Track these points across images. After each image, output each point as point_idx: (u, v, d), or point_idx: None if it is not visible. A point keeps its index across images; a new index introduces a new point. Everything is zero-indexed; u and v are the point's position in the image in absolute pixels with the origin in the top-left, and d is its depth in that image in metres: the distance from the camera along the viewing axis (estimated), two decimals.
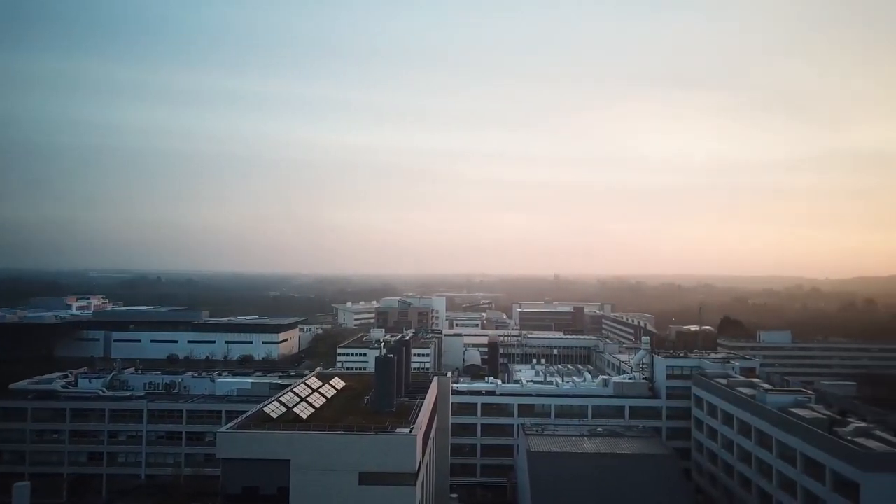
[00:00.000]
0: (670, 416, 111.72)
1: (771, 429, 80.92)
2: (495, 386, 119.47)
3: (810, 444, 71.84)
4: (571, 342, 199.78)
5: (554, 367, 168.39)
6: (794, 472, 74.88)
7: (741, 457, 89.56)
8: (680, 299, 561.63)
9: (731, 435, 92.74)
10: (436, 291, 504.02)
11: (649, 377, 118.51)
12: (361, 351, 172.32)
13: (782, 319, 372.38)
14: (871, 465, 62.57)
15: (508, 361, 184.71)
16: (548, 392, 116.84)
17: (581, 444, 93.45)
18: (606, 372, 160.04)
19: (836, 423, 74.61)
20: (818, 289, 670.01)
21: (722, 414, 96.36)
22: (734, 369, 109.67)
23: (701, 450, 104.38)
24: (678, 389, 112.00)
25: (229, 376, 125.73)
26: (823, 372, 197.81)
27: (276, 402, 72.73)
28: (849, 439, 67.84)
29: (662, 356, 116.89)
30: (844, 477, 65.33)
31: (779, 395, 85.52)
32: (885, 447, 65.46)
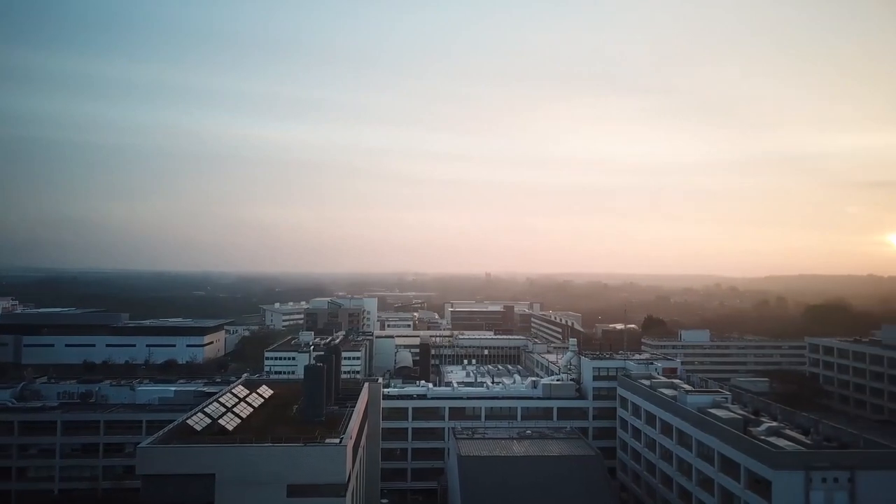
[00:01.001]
0: (597, 416, 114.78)
1: (690, 429, 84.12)
2: (426, 390, 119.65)
3: (726, 444, 75.05)
4: (501, 342, 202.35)
5: (485, 368, 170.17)
6: (712, 470, 78.08)
7: (663, 456, 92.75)
8: (606, 297, 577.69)
9: (653, 434, 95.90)
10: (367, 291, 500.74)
11: (577, 378, 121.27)
12: (290, 354, 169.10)
13: (701, 317, 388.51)
14: (782, 464, 65.89)
15: (440, 363, 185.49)
16: (478, 395, 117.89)
17: (510, 447, 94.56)
18: (535, 372, 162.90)
19: (750, 422, 78.28)
20: (735, 287, 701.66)
21: (645, 414, 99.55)
22: (657, 370, 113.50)
23: (625, 449, 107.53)
24: (604, 390, 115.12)
25: (151, 384, 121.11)
26: (739, 369, 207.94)
27: (200, 413, 70.44)
28: (762, 439, 71.23)
29: (589, 357, 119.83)
30: (757, 475, 68.57)
31: (698, 396, 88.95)
32: (795, 446, 69.06)
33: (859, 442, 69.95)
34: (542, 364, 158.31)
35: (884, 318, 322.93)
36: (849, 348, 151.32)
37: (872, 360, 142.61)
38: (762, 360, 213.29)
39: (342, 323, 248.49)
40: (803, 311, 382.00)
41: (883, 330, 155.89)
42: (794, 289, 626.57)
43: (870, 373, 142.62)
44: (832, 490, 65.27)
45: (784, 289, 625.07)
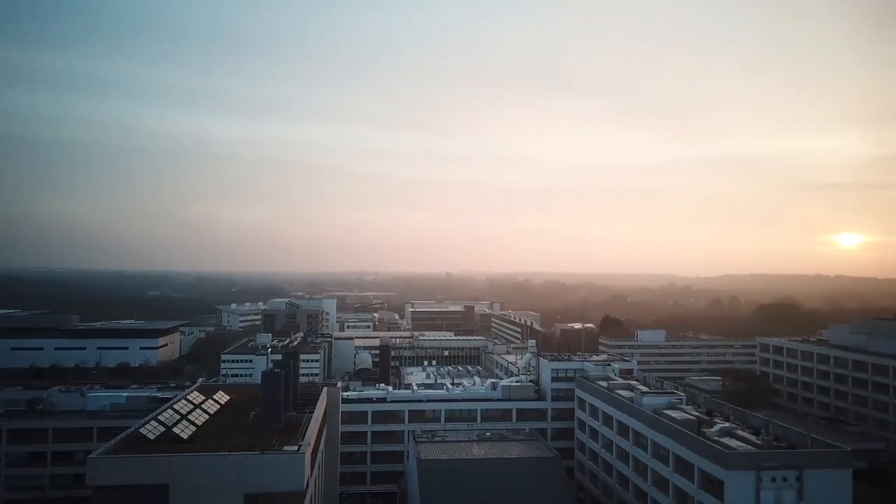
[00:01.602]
0: (555, 417, 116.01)
1: (646, 430, 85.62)
2: (386, 393, 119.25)
3: (681, 445, 76.61)
4: (462, 343, 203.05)
5: (445, 369, 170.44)
6: (667, 470, 79.62)
7: (620, 456, 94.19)
8: (564, 297, 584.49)
9: (610, 435, 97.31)
10: (326, 291, 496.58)
11: (536, 380, 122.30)
12: (247, 357, 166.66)
13: (657, 317, 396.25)
14: (733, 464, 67.51)
15: (400, 364, 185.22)
16: (438, 397, 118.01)
17: (470, 450, 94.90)
18: (495, 372, 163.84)
19: (704, 423, 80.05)
20: (689, 287, 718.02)
21: (603, 415, 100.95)
22: (614, 371, 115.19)
23: (583, 449, 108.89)
24: (562, 391, 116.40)
25: (102, 389, 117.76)
26: (693, 367, 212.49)
27: (153, 421, 68.80)
28: (714, 440, 72.91)
29: (548, 359, 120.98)
30: (711, 475, 70.15)
31: (653, 398, 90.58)
32: (746, 446, 70.88)
33: (807, 442, 72.08)
34: (502, 365, 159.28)
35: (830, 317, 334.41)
36: (797, 348, 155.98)
37: (819, 359, 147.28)
38: (715, 358, 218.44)
39: (300, 324, 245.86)
40: (755, 309, 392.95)
41: (830, 330, 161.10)
42: (747, 288, 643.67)
43: (817, 371, 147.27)
44: (781, 489, 67.16)
45: (736, 288, 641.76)
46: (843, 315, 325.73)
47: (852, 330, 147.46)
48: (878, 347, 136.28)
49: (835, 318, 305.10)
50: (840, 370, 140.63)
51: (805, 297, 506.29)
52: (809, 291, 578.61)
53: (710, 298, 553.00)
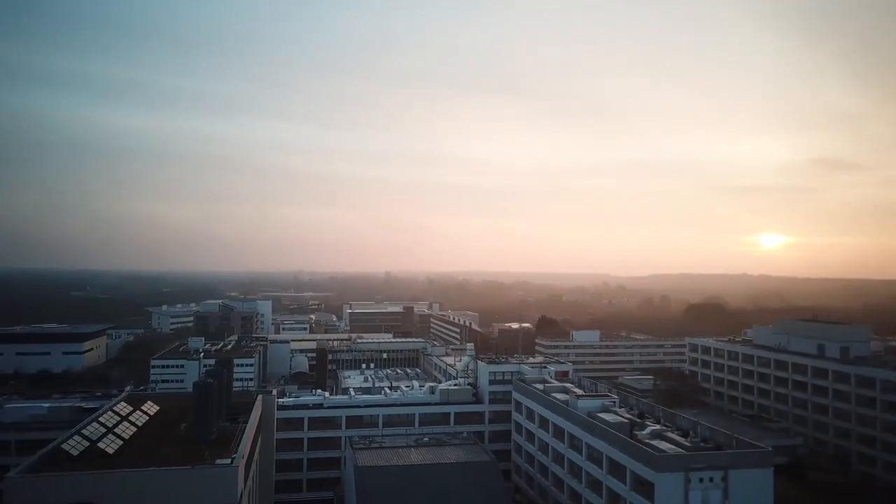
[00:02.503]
0: (492, 420, 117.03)
1: (581, 433, 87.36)
2: (323, 399, 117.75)
3: (614, 448, 78.52)
4: (401, 345, 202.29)
5: (383, 372, 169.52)
6: (600, 472, 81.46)
7: (555, 458, 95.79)
8: (502, 296, 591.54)
9: (546, 438, 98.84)
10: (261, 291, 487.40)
11: (474, 383, 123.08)
12: (179, 362, 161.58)
13: (592, 316, 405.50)
14: (663, 466, 69.66)
15: (338, 367, 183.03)
16: (376, 402, 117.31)
17: (408, 456, 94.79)
18: (434, 374, 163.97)
19: (636, 425, 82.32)
20: (622, 286, 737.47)
21: (539, 418, 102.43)
22: (550, 373, 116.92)
23: (520, 451, 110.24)
24: (500, 394, 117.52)
25: (21, 399, 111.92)
26: (626, 367, 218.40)
27: (77, 435, 65.84)
28: (646, 442, 75.02)
29: (486, 362, 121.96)
30: (642, 477, 72.15)
31: (588, 401, 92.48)
32: (675, 448, 73.23)
33: (732, 442, 75.03)
34: (441, 367, 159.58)
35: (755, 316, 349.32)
36: (724, 348, 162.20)
37: (744, 358, 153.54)
38: (647, 358, 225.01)
39: (235, 327, 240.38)
40: (684, 309, 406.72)
41: (753, 330, 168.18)
42: (677, 287, 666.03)
43: (742, 371, 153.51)
44: (708, 489, 69.69)
45: (667, 287, 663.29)
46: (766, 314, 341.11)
47: (774, 330, 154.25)
48: (797, 347, 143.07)
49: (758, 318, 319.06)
50: (763, 369, 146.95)
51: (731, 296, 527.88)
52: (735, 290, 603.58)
53: (642, 298, 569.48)
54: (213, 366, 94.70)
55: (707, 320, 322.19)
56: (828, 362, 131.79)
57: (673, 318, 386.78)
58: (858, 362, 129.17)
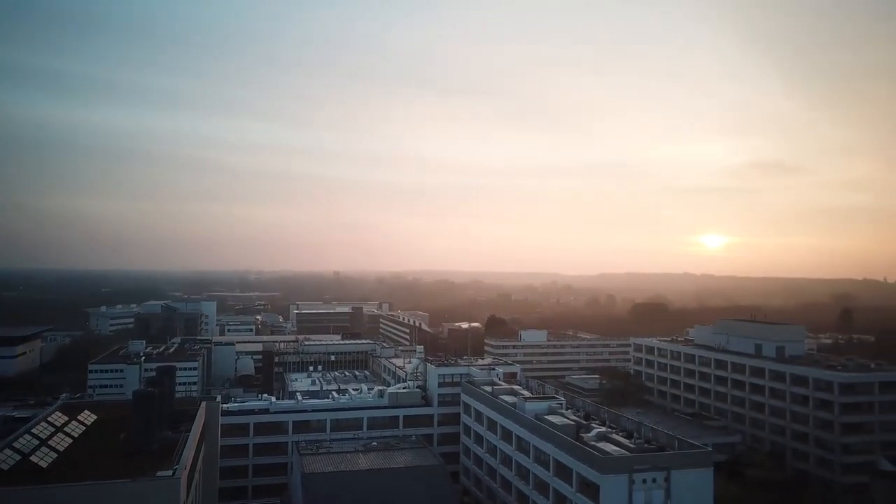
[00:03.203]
0: (441, 422, 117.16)
1: (528, 435, 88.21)
2: (269, 403, 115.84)
3: (560, 450, 79.53)
4: (349, 347, 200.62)
5: (331, 375, 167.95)
6: (548, 475, 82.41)
7: (503, 461, 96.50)
8: (452, 295, 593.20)
9: (494, 440, 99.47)
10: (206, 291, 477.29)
11: (423, 385, 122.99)
12: (118, 367, 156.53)
13: (540, 315, 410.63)
14: (608, 468, 70.90)
15: (284, 370, 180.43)
16: (323, 406, 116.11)
17: (356, 461, 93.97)
18: (383, 377, 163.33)
19: (582, 427, 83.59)
20: (570, 285, 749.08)
21: (487, 420, 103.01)
22: (498, 375, 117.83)
23: (468, 454, 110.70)
24: (449, 396, 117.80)
25: None
26: (573, 366, 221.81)
27: (7, 448, 63.00)
28: (592, 445, 76.23)
29: (435, 365, 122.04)
30: (588, 479, 73.29)
31: (535, 403, 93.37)
32: (620, 450, 74.56)
33: (674, 443, 76.92)
34: (390, 369, 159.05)
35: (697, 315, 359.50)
36: (667, 348, 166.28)
37: (686, 358, 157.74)
38: (593, 357, 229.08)
39: (178, 329, 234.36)
40: (630, 308, 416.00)
41: (695, 330, 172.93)
42: (623, 286, 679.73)
43: (684, 370, 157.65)
44: (651, 489, 71.25)
45: (614, 286, 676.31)
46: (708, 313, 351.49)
47: (714, 330, 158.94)
48: (736, 347, 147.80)
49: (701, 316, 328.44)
50: (704, 368, 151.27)
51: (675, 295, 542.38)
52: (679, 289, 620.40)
53: (589, 297, 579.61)
54: (154, 373, 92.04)
55: (651, 319, 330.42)
56: (764, 361, 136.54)
57: (619, 316, 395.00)
58: (793, 361, 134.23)
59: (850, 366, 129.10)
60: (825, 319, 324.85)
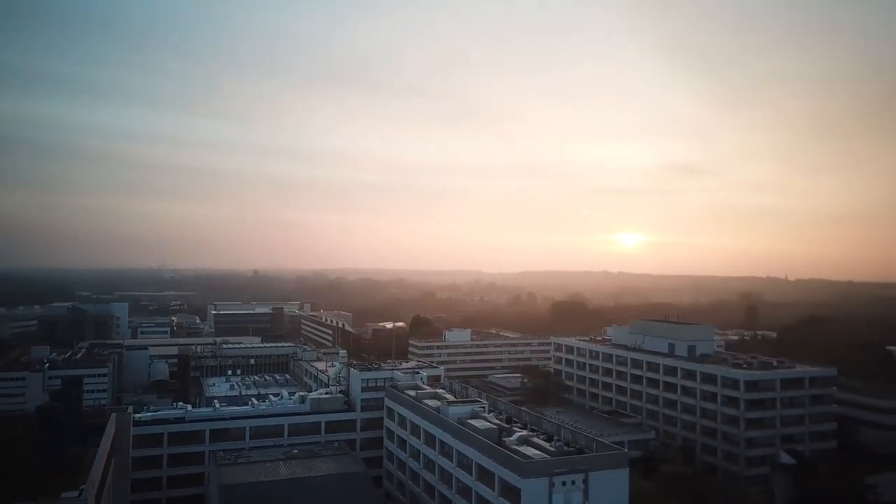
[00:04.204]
0: (365, 427, 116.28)
1: (451, 440, 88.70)
2: (184, 412, 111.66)
3: (483, 454, 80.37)
4: (269, 350, 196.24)
5: (251, 379, 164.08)
6: (470, 479, 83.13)
7: (426, 465, 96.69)
8: (376, 295, 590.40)
9: (418, 445, 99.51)
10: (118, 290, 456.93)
11: (345, 390, 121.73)
12: (19, 375, 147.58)
13: (464, 313, 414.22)
14: (529, 472, 72.17)
15: (201, 374, 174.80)
16: (242, 414, 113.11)
17: (276, 470, 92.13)
18: (304, 381, 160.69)
19: (504, 431, 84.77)
20: (493, 283, 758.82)
21: (410, 425, 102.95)
22: (422, 379, 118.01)
23: (392, 458, 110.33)
24: (372, 401, 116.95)
25: None
26: (496, 365, 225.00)
27: None
28: (513, 449, 77.46)
29: (358, 369, 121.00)
30: (509, 483, 74.41)
31: (458, 407, 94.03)
32: (540, 454, 76.06)
33: (592, 445, 79.17)
34: (312, 373, 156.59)
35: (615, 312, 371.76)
36: (585, 347, 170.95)
37: (604, 357, 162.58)
38: (515, 356, 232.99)
39: (86, 332, 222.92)
40: (550, 306, 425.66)
41: (612, 329, 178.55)
42: (544, 284, 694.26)
43: (601, 369, 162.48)
44: (570, 491, 73.01)
45: (535, 284, 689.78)
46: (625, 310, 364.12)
47: (630, 330, 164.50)
48: (651, 346, 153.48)
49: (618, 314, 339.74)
50: (621, 367, 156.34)
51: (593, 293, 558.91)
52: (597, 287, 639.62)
53: (511, 294, 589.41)
54: (60, 386, 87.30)
55: (570, 317, 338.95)
56: (677, 360, 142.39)
57: (540, 314, 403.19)
58: (703, 360, 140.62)
59: (754, 364, 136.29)
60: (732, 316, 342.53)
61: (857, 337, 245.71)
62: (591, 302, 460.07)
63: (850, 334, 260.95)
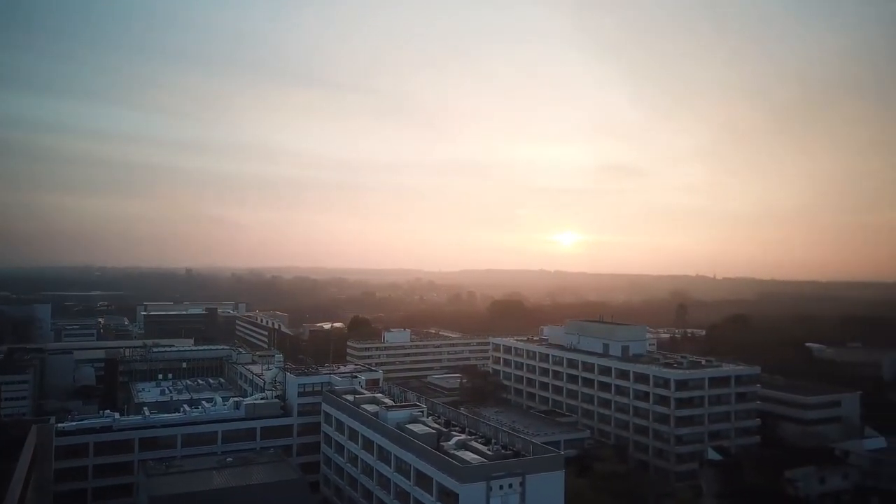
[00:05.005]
0: (301, 432, 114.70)
1: (390, 445, 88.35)
2: (112, 420, 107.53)
3: (421, 459, 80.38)
4: (202, 353, 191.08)
5: (183, 384, 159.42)
6: (408, 484, 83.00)
7: (364, 470, 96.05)
8: (314, 294, 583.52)
9: (355, 450, 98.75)
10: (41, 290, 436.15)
11: (282, 395, 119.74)
12: None
13: (404, 313, 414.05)
14: (467, 477, 72.55)
15: (130, 379, 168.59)
16: (174, 421, 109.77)
17: (210, 480, 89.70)
18: (239, 384, 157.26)
19: (443, 435, 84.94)
20: (433, 282, 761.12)
21: (348, 430, 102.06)
22: (361, 383, 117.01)
23: (329, 464, 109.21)
24: (309, 405, 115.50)
25: None
26: (435, 366, 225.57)
27: None
28: (451, 453, 77.69)
29: (295, 374, 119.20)
30: (447, 488, 74.61)
31: (397, 412, 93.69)
32: (478, 458, 76.58)
33: (529, 448, 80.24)
34: (247, 377, 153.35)
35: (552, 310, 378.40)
36: (523, 347, 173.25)
37: (541, 357, 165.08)
38: (455, 356, 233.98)
39: (5, 335, 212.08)
40: (489, 304, 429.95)
41: (548, 329, 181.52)
42: (483, 282, 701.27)
43: (538, 369, 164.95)
44: (507, 495, 73.73)
45: (475, 282, 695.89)
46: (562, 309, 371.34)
47: (566, 331, 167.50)
48: (586, 346, 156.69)
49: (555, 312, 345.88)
50: (557, 367, 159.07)
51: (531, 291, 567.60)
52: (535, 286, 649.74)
53: (451, 293, 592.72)
54: None
55: (509, 315, 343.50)
56: (611, 360, 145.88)
57: (479, 313, 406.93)
58: (636, 360, 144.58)
59: (684, 363, 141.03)
60: (664, 314, 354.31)
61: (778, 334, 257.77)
62: (529, 300, 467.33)
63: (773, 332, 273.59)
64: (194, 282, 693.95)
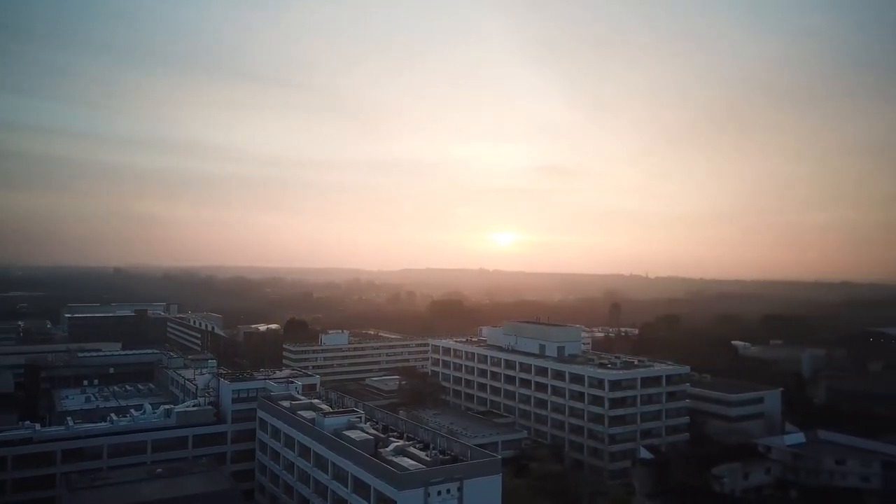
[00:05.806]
0: (236, 439, 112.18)
1: (327, 452, 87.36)
2: (32, 431, 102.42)
3: (359, 466, 79.80)
4: (131, 357, 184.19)
5: (110, 390, 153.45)
6: (346, 491, 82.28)
7: (301, 478, 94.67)
8: (250, 294, 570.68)
9: (292, 457, 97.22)
10: None
11: (215, 402, 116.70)
12: None
13: (343, 313, 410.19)
14: (405, 483, 72.43)
15: (53, 386, 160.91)
16: (99, 431, 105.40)
17: (137, 492, 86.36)
18: (171, 390, 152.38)
19: (381, 441, 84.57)
20: (372, 281, 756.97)
21: (284, 437, 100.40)
22: (297, 389, 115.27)
23: (264, 471, 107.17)
24: (244, 412, 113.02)
25: None
26: (374, 368, 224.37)
27: None
28: (389, 460, 77.44)
29: (228, 380, 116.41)
30: (385, 495, 74.36)
31: (334, 418, 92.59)
32: (416, 464, 76.47)
33: (467, 452, 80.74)
34: (179, 382, 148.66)
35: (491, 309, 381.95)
36: (461, 349, 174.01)
37: (479, 359, 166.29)
38: (394, 358, 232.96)
39: None
40: (429, 304, 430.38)
41: (487, 330, 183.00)
42: (423, 282, 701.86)
43: (477, 370, 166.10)
44: (445, 500, 74.00)
45: (415, 282, 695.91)
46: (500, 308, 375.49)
47: (504, 332, 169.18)
48: (523, 347, 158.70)
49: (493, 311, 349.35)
50: (495, 368, 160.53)
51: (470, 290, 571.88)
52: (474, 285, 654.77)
53: (391, 293, 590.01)
54: None
55: (448, 315, 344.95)
56: (547, 361, 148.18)
57: (419, 312, 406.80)
58: (571, 360, 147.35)
59: (618, 363, 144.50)
60: (598, 313, 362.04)
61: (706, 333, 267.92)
62: (468, 300, 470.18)
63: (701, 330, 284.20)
64: (123, 282, 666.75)
